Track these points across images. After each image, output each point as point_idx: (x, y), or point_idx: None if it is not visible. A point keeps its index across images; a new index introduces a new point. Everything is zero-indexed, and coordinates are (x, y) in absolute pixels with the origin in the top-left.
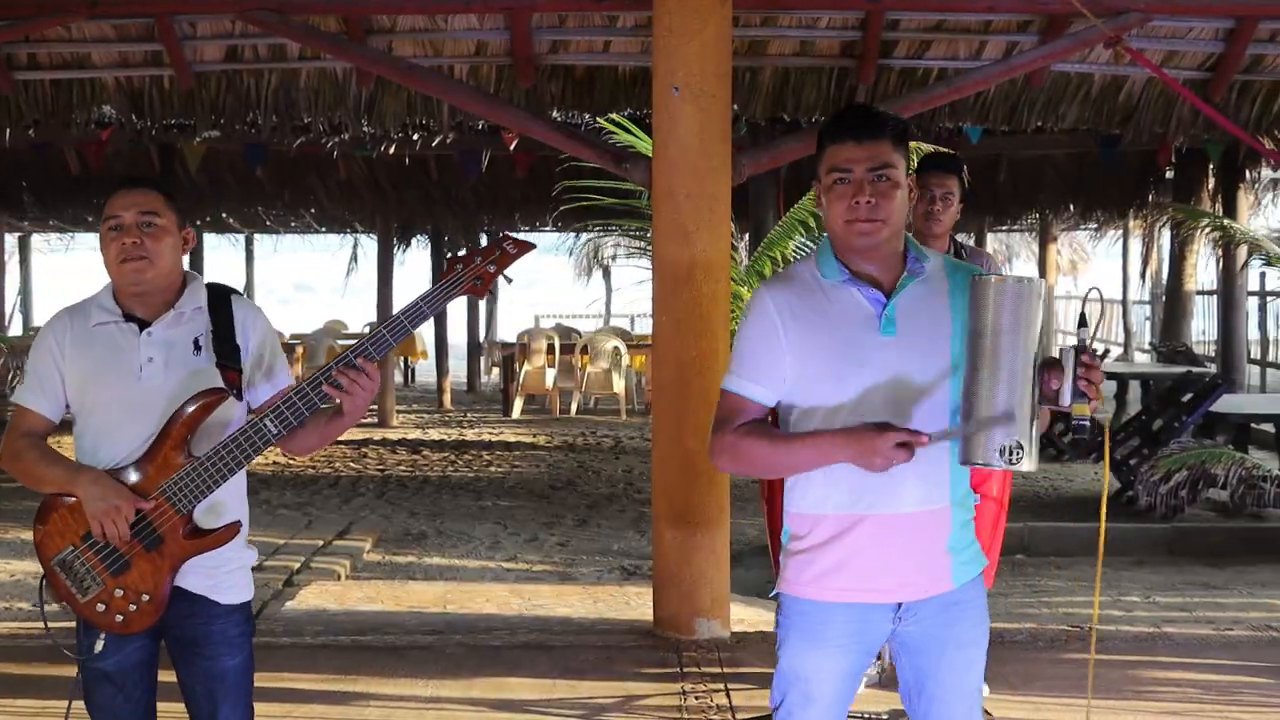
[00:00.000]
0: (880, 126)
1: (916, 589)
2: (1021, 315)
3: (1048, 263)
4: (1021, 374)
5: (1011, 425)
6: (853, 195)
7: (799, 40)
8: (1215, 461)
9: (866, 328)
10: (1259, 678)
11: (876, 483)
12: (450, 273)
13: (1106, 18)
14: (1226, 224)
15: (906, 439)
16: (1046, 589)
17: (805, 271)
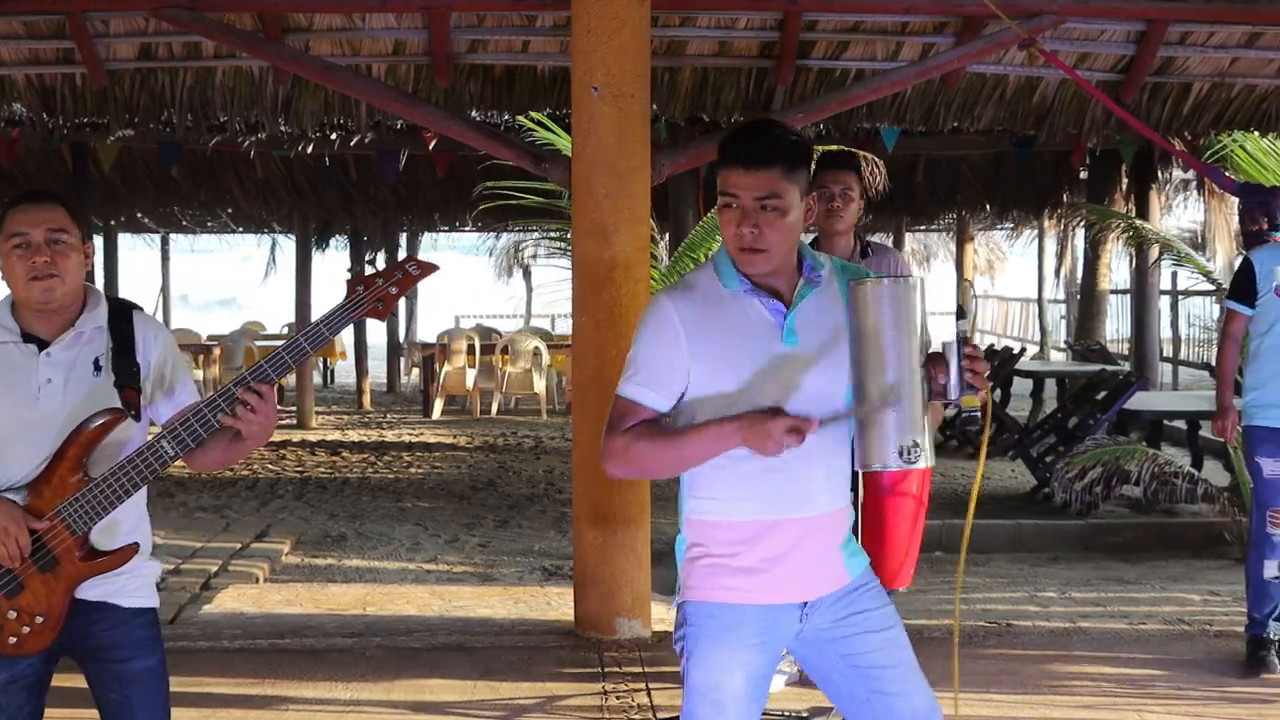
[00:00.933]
0: (770, 155)
1: (821, 586)
2: (901, 314)
3: (965, 262)
4: (909, 372)
5: (905, 424)
6: (738, 222)
7: (717, 41)
8: (1129, 458)
9: (769, 337)
10: (1171, 671)
11: (792, 487)
12: (352, 294)
13: (1021, 20)
14: (1138, 224)
15: (797, 424)
16: (965, 585)
17: (705, 281)
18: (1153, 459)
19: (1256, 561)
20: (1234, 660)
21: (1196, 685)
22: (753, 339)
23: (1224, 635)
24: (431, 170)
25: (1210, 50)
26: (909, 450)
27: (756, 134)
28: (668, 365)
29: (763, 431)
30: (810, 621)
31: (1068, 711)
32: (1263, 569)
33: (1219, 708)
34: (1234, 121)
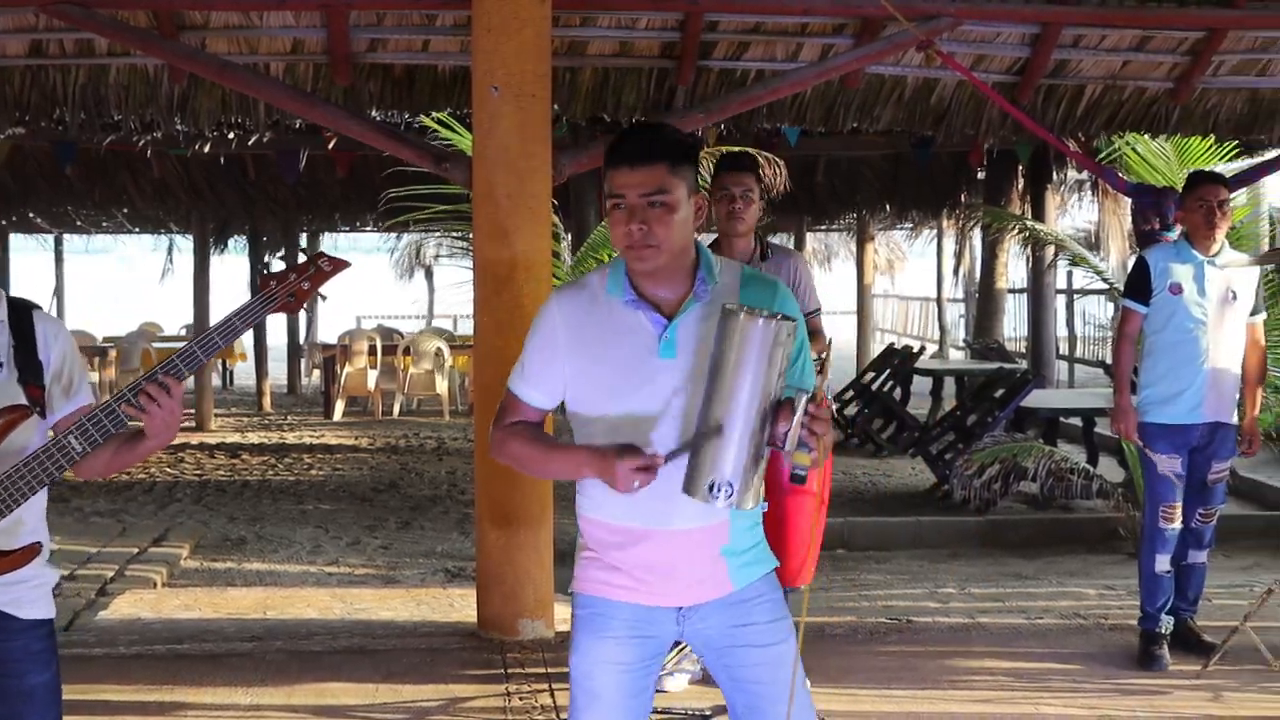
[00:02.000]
0: (655, 151)
1: (695, 594)
2: (760, 354)
3: (865, 261)
4: (743, 413)
5: (722, 463)
6: (627, 221)
7: (619, 41)
8: (1026, 455)
9: (647, 349)
10: (1068, 664)
11: (653, 502)
12: (265, 289)
13: (918, 21)
14: (1034, 225)
15: (645, 463)
16: (866, 582)
17: (596, 284)
18: (1049, 456)
19: (1149, 556)
20: (1128, 653)
21: (1092, 678)
22: (630, 348)
23: (1118, 629)
24: (332, 170)
25: (1102, 53)
26: (718, 488)
27: (641, 132)
28: (546, 365)
29: (610, 471)
30: (692, 626)
31: (967, 705)
32: (1154, 563)
33: (1113, 699)
34: (1126, 123)
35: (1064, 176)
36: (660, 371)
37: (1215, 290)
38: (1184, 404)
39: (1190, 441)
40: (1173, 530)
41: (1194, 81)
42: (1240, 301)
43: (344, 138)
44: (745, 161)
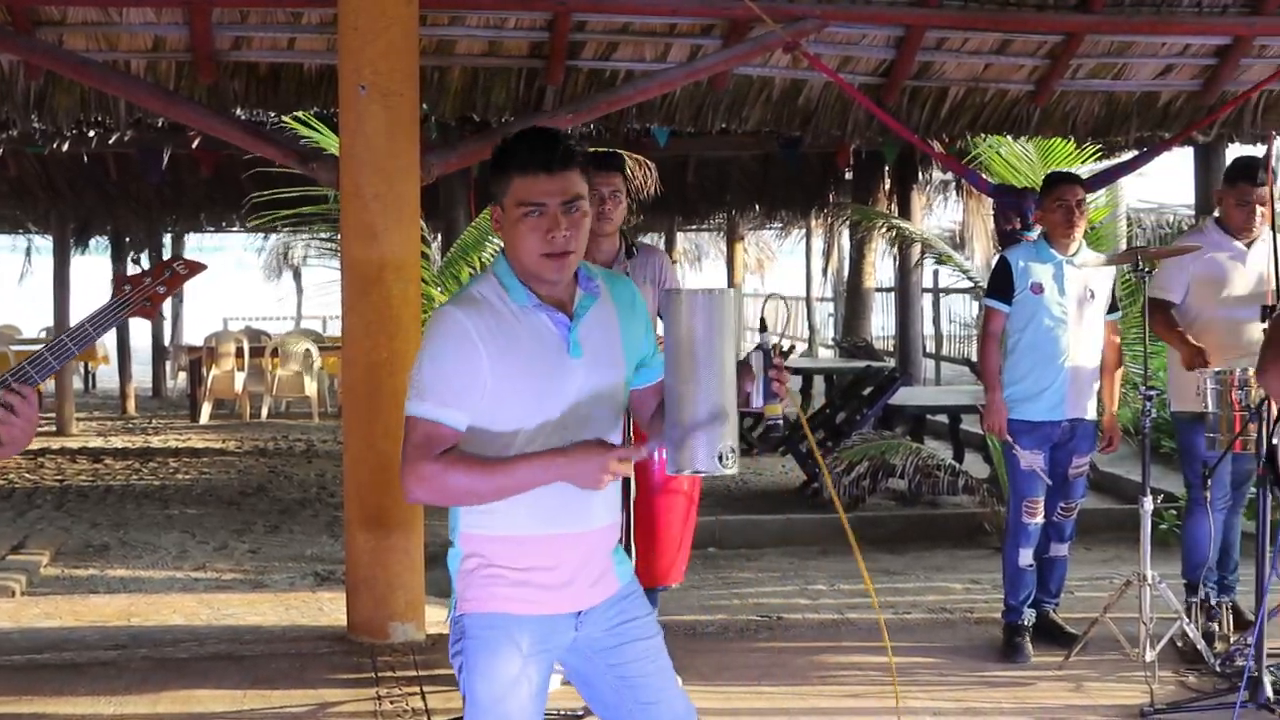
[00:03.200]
0: (569, 158)
1: (592, 596)
2: (715, 324)
3: (735, 261)
4: (724, 380)
5: (724, 430)
6: (548, 229)
7: (487, 40)
8: (894, 452)
9: (557, 351)
10: (934, 658)
11: (571, 503)
12: (119, 293)
13: (785, 23)
14: (899, 224)
15: (626, 454)
16: (737, 580)
17: (491, 294)
18: (916, 453)
19: (1012, 550)
20: (993, 646)
21: (958, 671)
22: (543, 354)
23: (983, 622)
24: (196, 170)
25: (965, 56)
26: (727, 455)
27: (549, 139)
28: (468, 381)
29: (592, 467)
30: (584, 630)
31: (836, 701)
32: (1018, 557)
33: (979, 691)
34: (988, 125)
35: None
36: (572, 372)
37: (1074, 289)
38: (1046, 401)
39: (1052, 437)
40: (1035, 524)
41: (1053, 84)
42: (1098, 300)
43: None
44: (613, 161)
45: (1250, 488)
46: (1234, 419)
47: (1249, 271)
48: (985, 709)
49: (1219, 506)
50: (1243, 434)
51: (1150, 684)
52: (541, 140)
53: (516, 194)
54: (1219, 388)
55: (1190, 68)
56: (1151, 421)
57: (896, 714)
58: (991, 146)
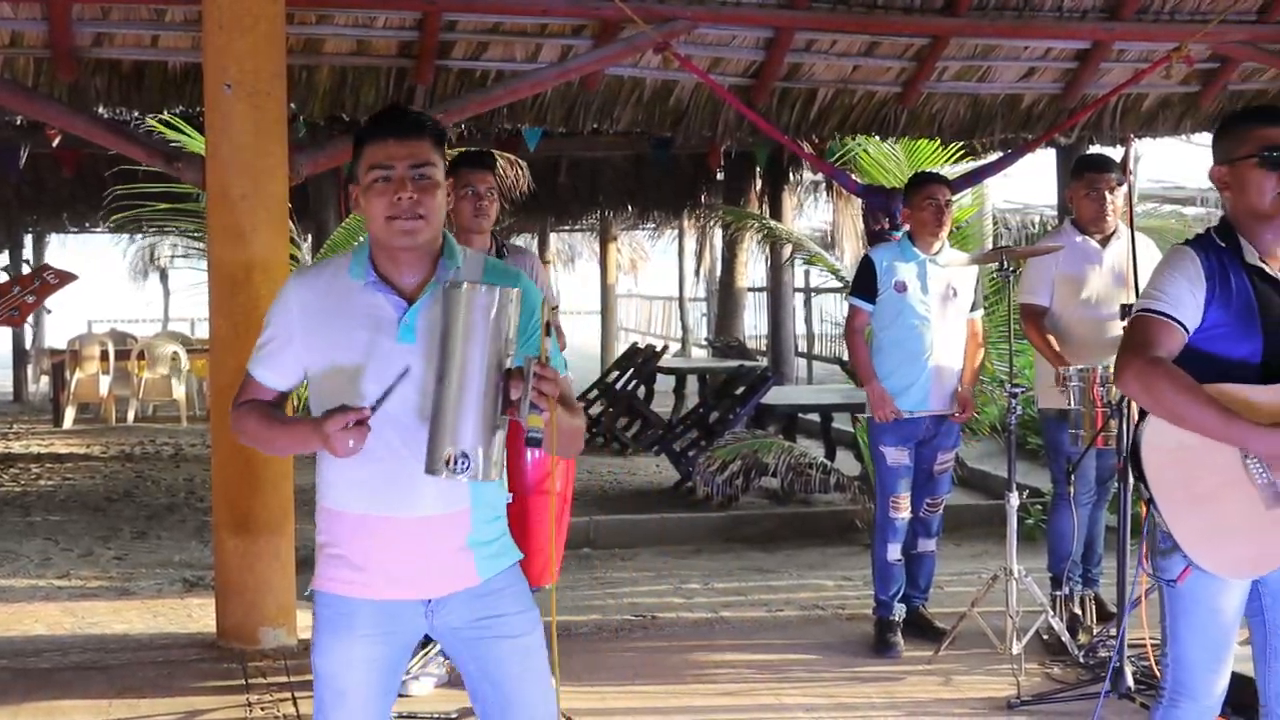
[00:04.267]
0: (420, 125)
1: (440, 586)
2: (483, 323)
3: (608, 261)
4: (476, 381)
5: (458, 434)
6: (394, 192)
7: (356, 39)
8: (766, 451)
9: (386, 332)
10: (807, 655)
11: (394, 487)
12: None
13: (656, 24)
14: (771, 224)
15: (356, 418)
16: (611, 580)
17: (335, 267)
18: (789, 451)
19: (881, 546)
20: (864, 641)
21: (830, 667)
22: (368, 332)
23: (855, 618)
24: (58, 169)
25: (833, 57)
26: (456, 460)
27: (402, 110)
28: (281, 347)
29: (323, 432)
30: (441, 619)
31: (710, 699)
32: (886, 552)
33: (851, 687)
34: (857, 126)
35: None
36: (398, 356)
37: (937, 287)
38: (910, 398)
39: (917, 434)
40: (902, 520)
41: (920, 86)
42: (960, 298)
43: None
44: (487, 160)
45: (1113, 483)
46: (1096, 416)
47: (1106, 271)
48: (857, 704)
49: (1083, 501)
50: (1104, 430)
51: (1017, 676)
52: (394, 111)
53: (367, 160)
54: (1082, 385)
55: (1052, 71)
56: (1017, 419)
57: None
58: (860, 145)
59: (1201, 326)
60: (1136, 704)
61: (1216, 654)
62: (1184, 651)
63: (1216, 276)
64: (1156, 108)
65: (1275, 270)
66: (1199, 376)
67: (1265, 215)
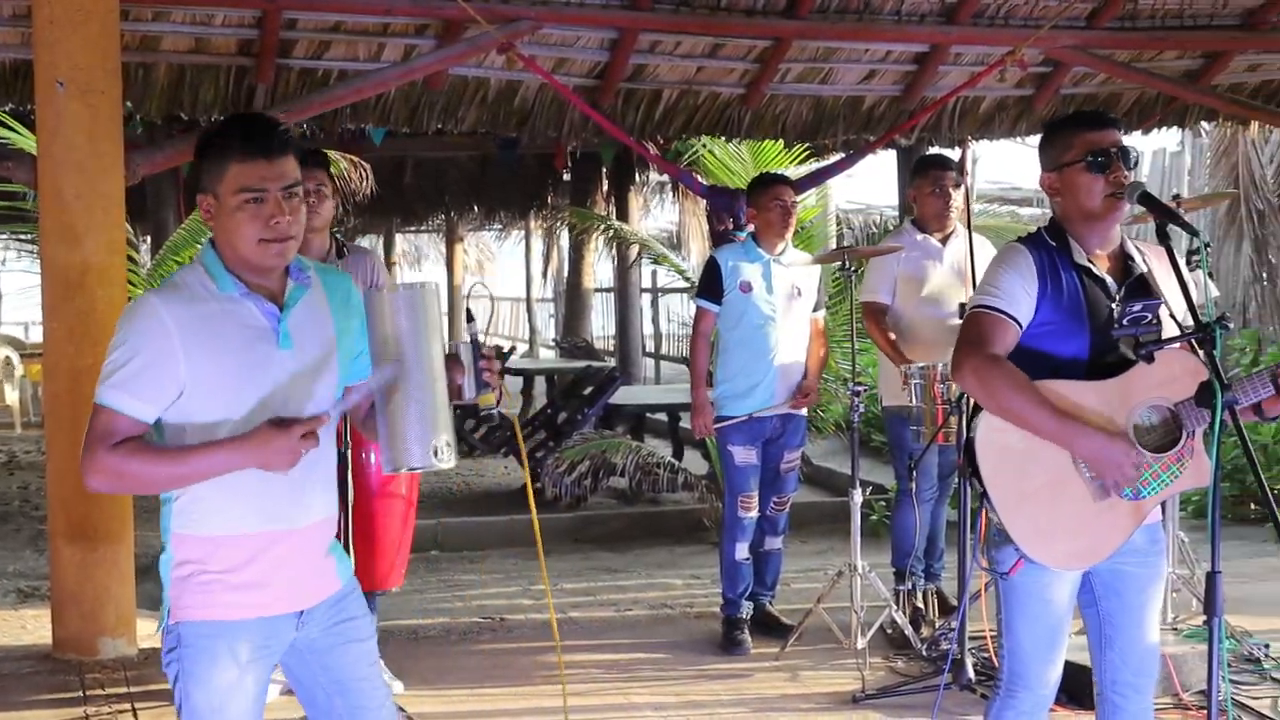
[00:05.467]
0: (287, 144)
1: (316, 594)
2: (421, 319)
3: (454, 262)
4: (432, 374)
5: (436, 425)
6: (270, 216)
7: (194, 37)
8: (614, 451)
9: (265, 342)
10: (656, 653)
11: (288, 499)
12: None
13: (499, 24)
14: (617, 225)
15: (311, 426)
16: (459, 583)
17: (196, 283)
18: (637, 451)
19: (729, 544)
20: (712, 639)
21: (678, 665)
22: (249, 345)
23: (703, 616)
24: None
25: (677, 59)
26: (440, 449)
27: (266, 126)
28: (159, 372)
29: (277, 447)
30: (304, 630)
31: (558, 700)
32: (734, 551)
33: (699, 684)
34: (701, 127)
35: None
36: (281, 363)
37: (782, 287)
38: (757, 397)
39: (764, 433)
40: (750, 518)
41: (763, 88)
42: (804, 298)
43: None
44: (318, 157)
45: (954, 479)
46: (937, 412)
47: (946, 269)
48: (705, 701)
49: (925, 497)
50: (945, 427)
51: (861, 670)
52: (258, 127)
53: (235, 181)
54: (922, 383)
55: (892, 73)
56: (860, 416)
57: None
58: (705, 146)
59: (1033, 323)
60: (977, 695)
61: (1050, 644)
62: (1019, 642)
63: (1048, 274)
64: (993, 110)
65: (1102, 270)
66: (1029, 373)
67: (1095, 216)
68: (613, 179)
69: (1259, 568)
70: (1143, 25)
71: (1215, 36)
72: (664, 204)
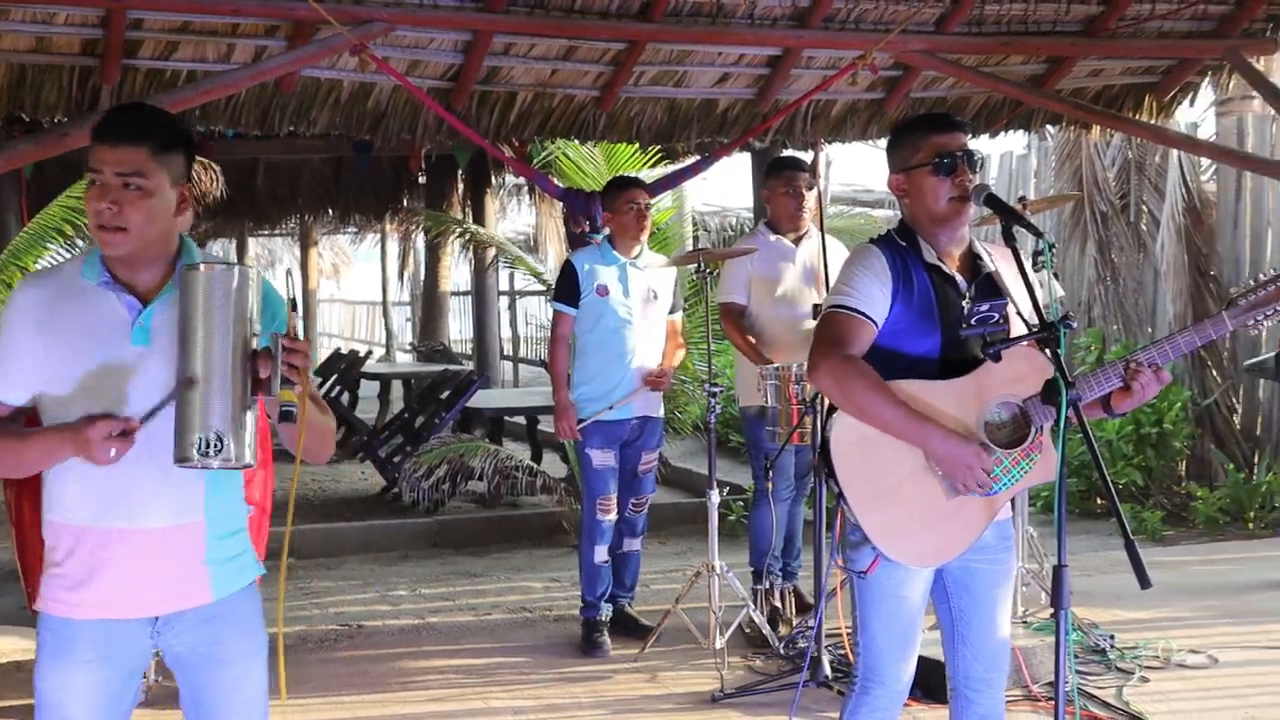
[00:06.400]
0: (138, 133)
1: (171, 602)
2: (224, 302)
3: (309, 266)
4: (221, 363)
5: (209, 418)
6: (99, 198)
7: (35, 36)
8: (473, 455)
9: (118, 335)
10: (516, 657)
11: (122, 496)
12: None
13: (351, 25)
14: (474, 228)
15: (122, 427)
16: (316, 590)
17: (71, 268)
18: (495, 454)
19: (588, 547)
20: (572, 642)
21: (538, 668)
22: (99, 335)
23: (563, 619)
24: None
25: (532, 61)
26: (208, 443)
27: (129, 111)
28: (15, 354)
29: (85, 440)
30: (167, 639)
31: (417, 706)
32: (593, 554)
33: (559, 688)
34: (557, 129)
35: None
36: (134, 359)
37: (638, 290)
38: (614, 400)
39: (622, 435)
40: (609, 521)
41: (618, 90)
42: (661, 300)
43: None
44: None
45: (810, 478)
46: (792, 413)
47: (799, 270)
48: (565, 704)
49: (782, 497)
50: (800, 427)
51: (720, 670)
52: (120, 112)
53: (89, 162)
54: (777, 383)
55: (745, 76)
56: (717, 417)
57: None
58: (560, 149)
59: (886, 322)
60: (834, 691)
61: (904, 640)
62: (873, 639)
63: (900, 274)
64: (845, 113)
65: (952, 269)
66: (882, 372)
67: (941, 218)
68: (469, 182)
69: (1104, 561)
70: (989, 31)
71: (1058, 42)
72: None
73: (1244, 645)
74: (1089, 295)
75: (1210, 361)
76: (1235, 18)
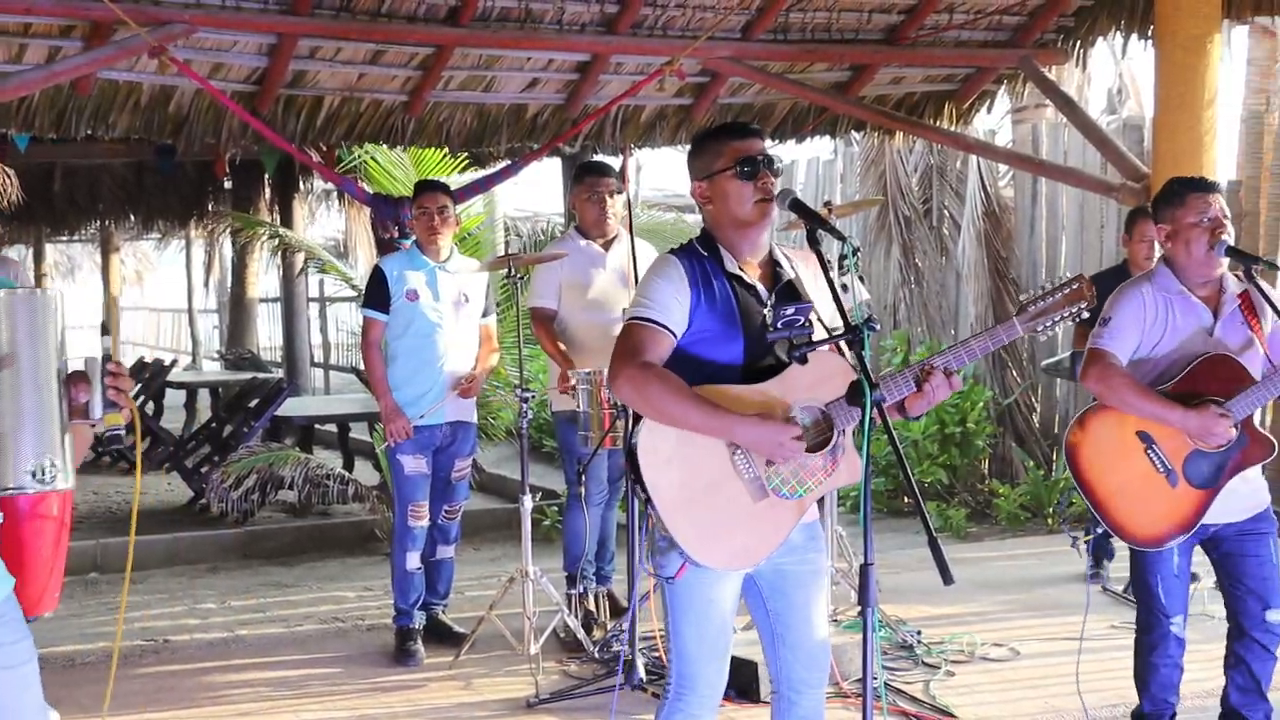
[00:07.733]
0: None
1: None
2: (37, 328)
3: (111, 273)
4: (44, 388)
5: (40, 444)
6: None
7: None
8: (283, 464)
9: None
10: (328, 668)
11: None
12: None
13: (150, 27)
14: (282, 233)
15: None
16: (120, 604)
17: None
18: (305, 463)
19: (400, 554)
20: (385, 651)
21: (351, 679)
22: None
23: (376, 629)
24: None
25: (339, 65)
26: (44, 470)
27: None
28: None
29: None
30: None
31: None
32: (405, 561)
33: (372, 698)
34: (365, 134)
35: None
36: None
37: (449, 294)
38: (426, 405)
39: (434, 442)
40: (421, 528)
41: (426, 95)
42: (472, 304)
43: None
44: None
45: (623, 482)
46: (604, 417)
47: (610, 274)
48: (379, 715)
49: (595, 501)
50: (612, 431)
51: (535, 675)
52: None
53: None
54: (589, 388)
55: (555, 82)
56: (529, 422)
57: None
58: (369, 154)
59: (689, 331)
60: (649, 694)
61: (716, 645)
62: (685, 645)
63: (700, 283)
64: (654, 119)
65: (753, 278)
66: (688, 379)
67: (746, 222)
68: (276, 186)
69: (911, 558)
70: (794, 38)
71: (861, 50)
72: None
73: (1043, 637)
74: (894, 298)
75: (1010, 362)
76: (1029, 28)
